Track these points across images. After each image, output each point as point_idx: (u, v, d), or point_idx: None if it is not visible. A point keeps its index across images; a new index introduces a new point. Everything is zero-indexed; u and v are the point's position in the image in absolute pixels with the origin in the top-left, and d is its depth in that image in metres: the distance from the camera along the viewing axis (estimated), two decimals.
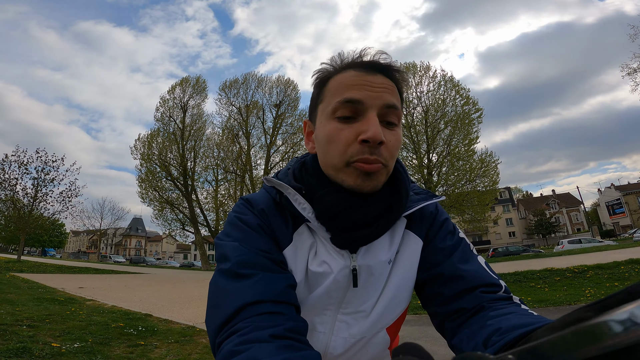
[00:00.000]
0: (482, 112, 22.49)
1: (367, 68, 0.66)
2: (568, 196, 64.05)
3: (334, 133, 0.64)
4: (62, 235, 73.20)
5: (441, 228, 0.74)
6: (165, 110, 29.80)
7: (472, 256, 0.71)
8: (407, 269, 0.71)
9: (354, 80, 0.64)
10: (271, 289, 0.57)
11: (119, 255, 62.57)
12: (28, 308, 5.97)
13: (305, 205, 0.67)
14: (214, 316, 0.56)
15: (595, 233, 44.64)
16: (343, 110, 0.63)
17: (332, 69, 0.70)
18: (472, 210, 22.56)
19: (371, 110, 0.62)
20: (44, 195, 23.60)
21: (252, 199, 0.73)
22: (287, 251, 0.67)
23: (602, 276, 8.48)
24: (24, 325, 4.65)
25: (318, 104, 0.70)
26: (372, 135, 0.60)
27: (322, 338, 0.69)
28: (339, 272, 0.66)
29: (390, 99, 0.64)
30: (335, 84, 0.67)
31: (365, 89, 0.63)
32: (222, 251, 0.64)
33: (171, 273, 24.04)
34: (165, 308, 7.54)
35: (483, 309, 0.61)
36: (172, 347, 4.45)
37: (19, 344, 3.76)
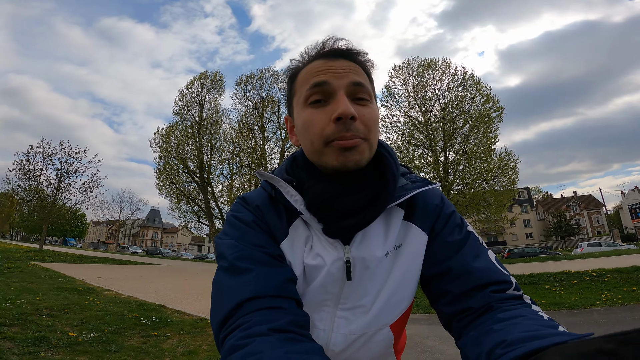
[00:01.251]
0: (502, 110, 22.00)
1: (330, 55, 0.69)
2: (590, 198, 62.29)
3: (308, 118, 0.66)
4: (83, 225, 75.25)
5: (448, 221, 0.72)
6: (183, 105, 30.23)
7: (482, 251, 0.69)
8: (409, 263, 0.70)
9: (319, 67, 0.68)
10: (269, 284, 0.58)
11: (136, 246, 63.92)
12: (48, 297, 6.18)
13: (297, 197, 0.68)
14: (216, 313, 0.58)
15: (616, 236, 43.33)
16: (313, 95, 0.66)
17: (300, 64, 0.73)
18: (488, 210, 22.17)
19: (339, 90, 0.65)
20: (67, 185, 24.30)
21: (247, 196, 0.75)
22: (283, 244, 0.68)
23: (621, 280, 8.28)
24: (44, 315, 4.83)
25: (292, 98, 0.74)
26: (342, 111, 0.62)
27: (323, 335, 0.69)
28: (332, 264, 0.66)
29: (355, 77, 0.67)
30: (303, 76, 0.70)
31: (329, 72, 0.66)
32: (220, 249, 0.66)
33: (185, 265, 24.50)
34: (179, 299, 7.70)
35: (491, 309, 0.60)
36: (183, 338, 4.56)
37: (37, 333, 3.91)
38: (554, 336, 0.45)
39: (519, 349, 0.45)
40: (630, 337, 0.24)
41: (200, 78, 30.95)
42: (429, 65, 23.35)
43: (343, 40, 0.71)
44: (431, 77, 23.14)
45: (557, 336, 0.45)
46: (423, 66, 23.41)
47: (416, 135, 23.08)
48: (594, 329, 4.94)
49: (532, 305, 0.61)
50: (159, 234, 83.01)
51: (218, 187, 30.91)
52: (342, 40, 0.71)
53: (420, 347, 4.40)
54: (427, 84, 23.20)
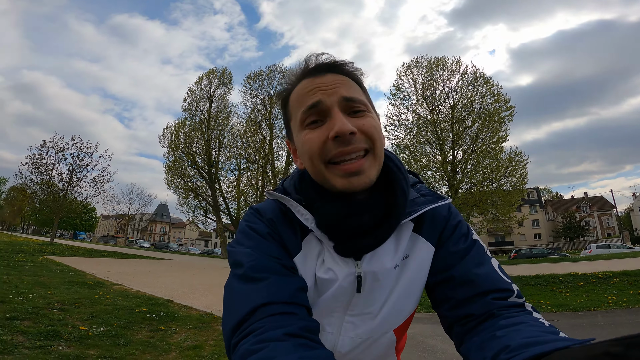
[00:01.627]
0: (513, 110, 21.79)
1: (315, 72, 0.69)
2: (601, 199, 61.44)
3: (307, 140, 0.66)
4: (93, 219, 76.36)
5: (454, 232, 0.73)
6: (192, 101, 30.51)
7: (485, 259, 0.70)
8: (415, 274, 0.71)
9: (307, 87, 0.68)
10: (283, 291, 0.59)
11: (145, 240, 64.64)
12: (60, 291, 6.34)
13: (307, 216, 0.68)
14: (228, 318, 0.58)
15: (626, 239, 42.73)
16: (309, 117, 0.66)
17: (289, 86, 0.74)
18: (496, 209, 22.01)
19: (333, 108, 0.65)
20: (78, 180, 24.67)
21: (261, 208, 0.75)
22: (297, 259, 0.69)
23: (627, 283, 8.21)
24: (55, 309, 4.96)
25: (289, 122, 0.74)
26: (338, 129, 0.62)
27: (331, 338, 0.72)
28: (344, 278, 0.68)
29: (347, 92, 0.66)
30: (294, 98, 0.70)
31: (319, 90, 0.66)
32: (235, 257, 0.67)
33: (193, 260, 24.73)
34: (186, 294, 7.82)
35: (493, 316, 0.61)
36: (190, 332, 4.65)
37: (49, 327, 4.03)
38: (556, 342, 0.46)
39: (522, 354, 0.46)
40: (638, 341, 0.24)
41: (209, 75, 31.14)
42: (439, 63, 23.18)
43: (325, 54, 0.71)
44: (440, 76, 22.99)
45: (559, 342, 0.46)
46: (432, 64, 23.26)
47: (424, 133, 22.98)
48: (597, 331, 4.94)
49: (533, 313, 0.62)
50: (167, 228, 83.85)
51: (226, 182, 31.21)
52: (324, 55, 0.71)
53: (422, 346, 4.44)
54: (436, 83, 23.06)
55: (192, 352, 3.89)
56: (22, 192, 45.39)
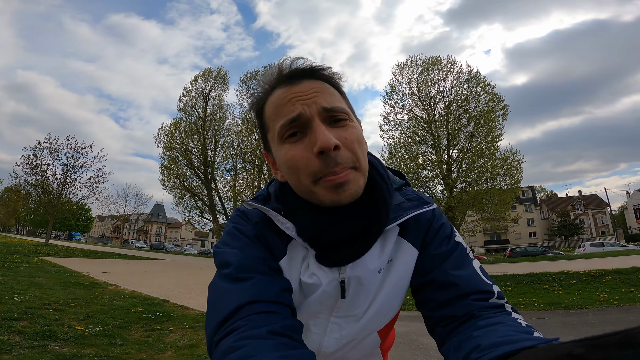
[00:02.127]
0: (507, 109, 21.94)
1: (291, 79, 0.65)
2: (595, 198, 61.90)
3: (289, 157, 0.63)
4: (89, 219, 75.91)
5: (437, 234, 0.73)
6: (188, 101, 30.41)
7: (466, 261, 0.70)
8: (399, 277, 0.72)
9: (284, 96, 0.64)
10: (268, 290, 0.59)
11: (141, 240, 64.36)
12: (55, 292, 6.35)
13: (288, 225, 0.68)
14: (212, 316, 0.58)
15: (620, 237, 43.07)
16: (287, 130, 0.63)
17: (262, 95, 0.69)
18: (491, 208, 22.14)
19: (314, 119, 0.61)
20: (73, 180, 24.57)
21: (247, 211, 0.75)
22: (282, 262, 0.69)
23: (620, 281, 8.30)
24: (51, 309, 4.98)
25: (266, 134, 0.70)
26: (322, 144, 0.59)
27: (316, 338, 0.74)
28: (327, 284, 0.68)
29: (326, 101, 0.63)
30: (270, 109, 0.66)
31: (297, 101, 0.62)
32: (221, 258, 0.66)
33: (189, 260, 24.72)
34: (182, 294, 7.84)
35: (473, 317, 0.61)
36: (186, 332, 4.68)
37: (45, 327, 4.05)
38: (525, 341, 0.48)
39: (490, 353, 0.47)
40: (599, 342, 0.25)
41: (205, 74, 31.07)
42: (434, 63, 23.28)
43: (300, 59, 0.67)
44: (435, 75, 23.08)
45: (528, 341, 0.48)
46: (427, 64, 23.35)
47: (420, 133, 23.06)
48: (587, 329, 5.00)
49: (512, 313, 0.62)
50: (163, 228, 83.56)
51: (222, 182, 31.13)
52: (299, 59, 0.67)
53: (415, 345, 4.50)
54: (431, 82, 23.14)
55: (188, 351, 3.92)
56: (17, 193, 45.18)
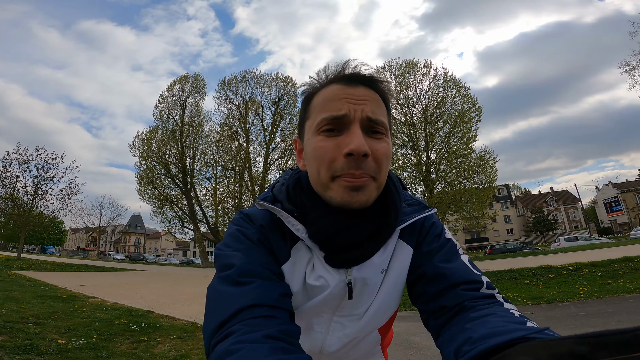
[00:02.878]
0: (481, 110, 22.64)
1: (349, 81, 0.67)
2: (566, 194, 64.18)
3: (318, 148, 0.64)
4: (62, 232, 73.27)
5: (428, 232, 0.76)
6: (164, 108, 29.89)
7: (455, 254, 0.72)
8: (397, 276, 0.74)
9: (336, 94, 0.66)
10: (268, 295, 0.59)
11: (119, 252, 62.65)
12: (32, 306, 6.08)
13: (298, 227, 0.68)
14: (210, 319, 0.57)
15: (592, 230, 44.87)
16: (327, 124, 0.64)
17: (317, 84, 0.71)
18: (470, 207, 22.69)
19: (354, 123, 0.63)
20: (44, 193, 23.67)
21: (251, 214, 0.74)
22: (285, 267, 0.70)
23: (596, 274, 8.61)
24: (30, 323, 4.77)
25: (305, 121, 0.72)
26: (355, 147, 0.60)
27: (319, 337, 0.75)
28: (335, 286, 0.69)
29: (373, 111, 0.65)
30: (319, 100, 0.68)
31: (347, 102, 0.64)
32: (222, 260, 0.66)
33: (171, 270, 24.17)
34: (167, 305, 7.65)
35: (465, 309, 0.62)
36: (174, 342, 4.56)
37: (26, 340, 3.88)
38: (516, 331, 0.47)
39: (481, 345, 0.47)
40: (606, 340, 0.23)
41: (181, 81, 30.64)
42: (410, 66, 23.78)
43: (365, 66, 0.69)
44: (412, 78, 23.59)
45: (519, 331, 0.47)
46: (404, 67, 23.84)
47: (399, 135, 23.44)
48: (571, 321, 5.15)
49: (504, 304, 0.62)
50: (142, 239, 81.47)
51: (202, 190, 30.71)
52: (364, 66, 0.69)
53: (407, 344, 4.54)
54: (408, 85, 23.62)
55: None
56: None
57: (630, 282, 7.44)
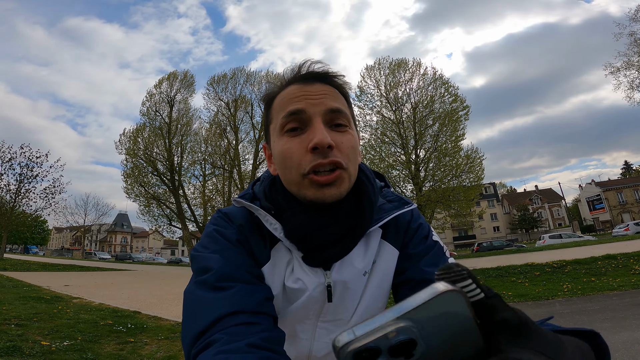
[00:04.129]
0: (469, 109, 22.87)
1: (305, 79, 0.68)
2: (550, 192, 65.38)
3: (285, 149, 0.64)
4: (45, 232, 71.80)
5: (415, 234, 0.74)
6: (151, 105, 29.37)
7: (442, 259, 0.71)
8: (382, 279, 0.72)
9: (294, 93, 0.66)
10: (249, 300, 0.57)
11: (104, 252, 61.69)
12: (15, 307, 5.95)
13: (276, 226, 0.67)
14: (189, 327, 0.55)
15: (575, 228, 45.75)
16: (289, 124, 0.65)
17: (276, 89, 0.71)
18: (457, 205, 22.92)
19: (315, 118, 0.63)
20: (27, 191, 23.20)
21: (230, 213, 0.73)
22: (265, 268, 0.68)
23: (580, 271, 8.79)
24: (12, 324, 4.66)
25: (269, 125, 0.72)
26: (318, 140, 0.60)
27: (305, 343, 0.73)
28: (314, 289, 0.68)
29: (332, 103, 0.65)
30: (279, 102, 0.68)
31: (305, 99, 0.65)
32: (200, 263, 0.63)
33: (159, 269, 23.91)
34: (154, 305, 7.56)
35: None
36: (162, 343, 4.50)
37: (8, 342, 3.78)
38: None
39: None
40: None
41: (170, 77, 30.17)
42: (400, 65, 23.90)
43: (319, 64, 0.70)
44: (402, 77, 23.70)
45: None
46: (394, 66, 23.94)
47: (389, 134, 23.54)
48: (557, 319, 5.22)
49: None
50: (129, 238, 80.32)
51: (190, 189, 30.28)
52: (318, 64, 0.70)
53: None
54: (398, 84, 23.72)
55: None
56: None
57: (613, 280, 7.61)
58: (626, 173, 65.76)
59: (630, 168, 67.32)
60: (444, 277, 0.29)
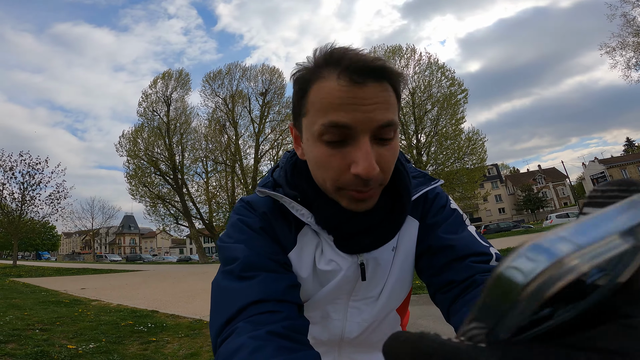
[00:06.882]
0: (467, 92, 22.80)
1: (354, 74, 0.54)
2: (554, 171, 65.13)
3: (323, 159, 0.58)
4: (55, 237, 72.48)
5: (433, 203, 0.74)
6: (148, 105, 29.31)
7: (462, 225, 0.70)
8: (407, 252, 0.72)
9: (339, 96, 0.54)
10: (274, 288, 0.58)
11: (114, 254, 62.21)
12: (36, 312, 6.05)
13: (303, 212, 0.66)
14: (216, 316, 0.56)
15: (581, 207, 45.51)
16: (329, 134, 0.56)
17: (313, 73, 0.59)
18: (462, 187, 22.98)
19: (362, 135, 0.55)
20: (32, 198, 23.37)
21: (253, 201, 0.72)
22: (292, 254, 0.68)
23: None
24: (37, 329, 4.75)
25: (301, 116, 0.62)
26: (363, 171, 0.55)
27: (338, 324, 0.73)
28: (348, 268, 0.68)
29: (385, 116, 0.55)
30: (317, 97, 0.57)
31: (353, 109, 0.54)
32: (226, 253, 0.64)
33: (170, 268, 24.10)
34: (170, 303, 7.66)
35: (477, 283, 0.59)
36: (183, 341, 4.59)
37: (36, 347, 3.87)
38: None
39: None
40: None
41: (164, 77, 30.04)
42: (394, 51, 23.82)
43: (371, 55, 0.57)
44: (398, 63, 23.54)
45: None
46: (389, 53, 23.81)
47: None
48: None
49: None
50: (137, 239, 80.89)
51: (194, 186, 30.45)
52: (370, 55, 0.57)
53: (414, 327, 4.61)
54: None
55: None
56: None
57: None
58: (629, 150, 65.33)
59: (633, 144, 66.91)
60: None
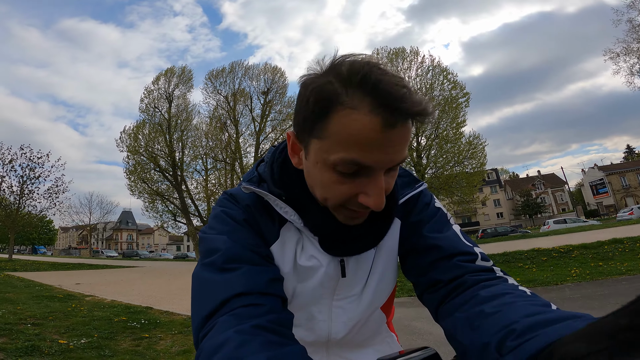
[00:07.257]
0: (469, 96, 22.81)
1: (390, 115, 0.50)
2: (553, 177, 65.25)
3: (330, 185, 0.57)
4: (52, 232, 72.40)
5: (417, 202, 0.73)
6: (150, 102, 29.27)
7: (446, 225, 0.69)
8: (389, 249, 0.72)
9: (367, 136, 0.50)
10: (257, 281, 0.56)
11: (111, 249, 62.19)
12: (29, 306, 6.02)
13: (287, 209, 0.65)
14: (197, 309, 0.55)
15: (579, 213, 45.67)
16: (346, 168, 0.54)
17: (337, 87, 0.52)
18: (460, 191, 22.97)
19: (378, 173, 0.54)
20: (30, 192, 23.33)
21: (236, 193, 0.70)
22: (274, 247, 0.67)
23: (587, 256, 8.76)
24: (29, 324, 4.72)
25: (312, 136, 0.56)
26: (374, 204, 0.55)
27: (324, 326, 0.71)
28: (328, 265, 0.67)
29: (403, 155, 0.55)
30: (344, 130, 0.51)
31: (379, 151, 0.52)
32: (207, 245, 0.62)
33: (166, 265, 24.11)
34: (165, 300, 7.64)
35: (467, 284, 0.58)
36: (176, 338, 4.57)
37: (27, 342, 3.84)
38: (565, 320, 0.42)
39: (534, 339, 0.41)
40: (638, 307, 0.23)
41: (167, 73, 30.01)
42: (397, 53, 23.81)
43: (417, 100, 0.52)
44: (400, 65, 23.55)
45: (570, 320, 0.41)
46: (392, 55, 23.83)
47: None
48: (568, 304, 5.24)
49: (508, 279, 0.59)
50: (134, 235, 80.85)
51: (193, 184, 30.34)
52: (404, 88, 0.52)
53: (409, 329, 4.60)
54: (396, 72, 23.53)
55: (182, 357, 3.83)
56: None
57: (621, 264, 7.58)
58: (629, 157, 65.42)
59: (633, 152, 67.01)
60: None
